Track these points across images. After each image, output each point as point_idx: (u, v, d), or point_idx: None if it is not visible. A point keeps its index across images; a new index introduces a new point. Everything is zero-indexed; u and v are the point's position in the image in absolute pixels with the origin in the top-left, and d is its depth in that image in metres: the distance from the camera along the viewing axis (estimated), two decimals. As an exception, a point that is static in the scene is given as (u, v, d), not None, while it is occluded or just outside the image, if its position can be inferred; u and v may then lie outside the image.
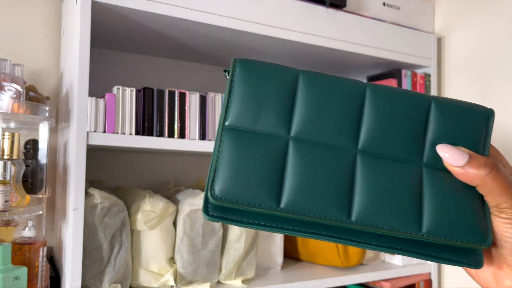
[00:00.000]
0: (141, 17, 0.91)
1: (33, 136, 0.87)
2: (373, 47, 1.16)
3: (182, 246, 0.92)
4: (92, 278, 0.84)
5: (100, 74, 1.16)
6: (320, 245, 1.16)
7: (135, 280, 0.91)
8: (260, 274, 1.07)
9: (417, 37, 1.25)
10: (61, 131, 1.01)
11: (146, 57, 1.22)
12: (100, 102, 0.84)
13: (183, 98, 0.92)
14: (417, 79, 1.26)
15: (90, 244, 0.84)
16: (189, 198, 0.94)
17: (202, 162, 1.30)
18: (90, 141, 0.81)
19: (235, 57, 1.23)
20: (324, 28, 1.08)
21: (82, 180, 0.80)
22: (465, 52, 1.27)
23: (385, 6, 1.23)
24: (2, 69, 0.83)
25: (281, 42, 1.05)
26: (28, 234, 0.83)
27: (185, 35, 1.02)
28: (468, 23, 1.27)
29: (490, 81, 1.20)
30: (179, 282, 0.93)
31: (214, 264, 0.96)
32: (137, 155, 1.21)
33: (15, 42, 1.09)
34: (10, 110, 0.76)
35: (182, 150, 0.92)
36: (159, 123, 0.90)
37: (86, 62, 0.81)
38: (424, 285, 1.24)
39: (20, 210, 0.76)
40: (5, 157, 0.78)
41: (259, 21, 0.99)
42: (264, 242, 1.10)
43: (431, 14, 1.34)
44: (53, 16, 1.13)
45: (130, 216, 0.91)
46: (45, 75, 1.12)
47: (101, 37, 1.06)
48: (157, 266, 0.92)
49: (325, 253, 1.15)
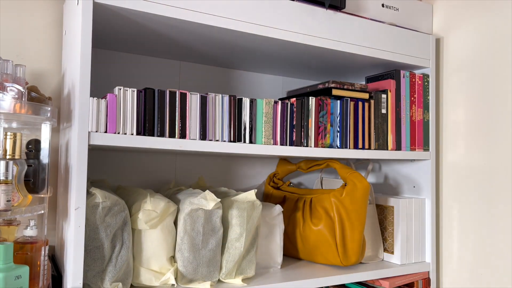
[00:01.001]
0: (142, 18, 0.91)
1: (35, 136, 0.87)
2: (372, 48, 1.16)
3: (182, 245, 0.93)
4: (94, 277, 0.85)
5: (102, 74, 1.17)
6: (319, 244, 1.15)
7: (136, 279, 0.92)
8: (260, 273, 1.08)
9: (415, 38, 1.26)
10: (62, 131, 1.02)
11: (147, 58, 1.23)
12: (101, 102, 0.85)
13: (184, 98, 0.93)
14: (415, 79, 1.27)
15: (91, 243, 0.85)
16: (189, 198, 0.95)
17: (202, 162, 1.31)
18: (92, 141, 0.82)
19: (235, 57, 1.24)
20: (323, 29, 1.08)
21: (83, 179, 0.80)
22: (464, 53, 1.28)
23: (384, 7, 1.24)
24: (4, 70, 0.83)
25: (280, 43, 1.06)
26: (30, 233, 0.83)
27: (186, 36, 1.03)
28: (466, 24, 1.28)
29: (488, 82, 1.21)
30: (179, 280, 0.94)
31: (215, 263, 0.96)
32: (138, 155, 1.22)
33: (17, 43, 1.09)
34: (12, 111, 0.77)
35: (183, 150, 0.93)
36: (160, 123, 0.90)
37: (87, 62, 0.82)
38: (422, 283, 1.25)
39: (22, 209, 0.77)
40: (7, 157, 0.78)
41: (259, 22, 1.00)
42: (264, 241, 1.11)
43: (429, 15, 1.35)
44: (55, 17, 1.14)
45: (131, 215, 0.92)
46: (47, 76, 1.12)
47: (102, 38, 1.07)
48: (158, 265, 0.92)
49: (324, 252, 1.15)
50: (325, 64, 1.27)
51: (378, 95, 1.20)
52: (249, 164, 1.39)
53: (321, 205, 1.17)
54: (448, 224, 1.30)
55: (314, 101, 1.09)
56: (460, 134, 1.28)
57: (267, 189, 1.35)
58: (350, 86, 1.18)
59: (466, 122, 1.26)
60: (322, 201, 1.17)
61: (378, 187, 1.45)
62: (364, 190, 1.13)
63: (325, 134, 1.11)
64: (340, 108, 1.14)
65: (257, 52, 1.15)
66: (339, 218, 1.13)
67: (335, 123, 1.13)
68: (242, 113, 1.00)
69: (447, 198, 1.31)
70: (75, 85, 0.85)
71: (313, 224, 1.16)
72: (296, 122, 1.07)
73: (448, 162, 1.31)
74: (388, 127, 1.22)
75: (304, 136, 1.08)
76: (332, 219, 1.14)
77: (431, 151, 1.28)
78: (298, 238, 1.20)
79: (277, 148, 1.04)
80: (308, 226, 1.17)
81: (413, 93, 1.27)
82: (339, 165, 1.20)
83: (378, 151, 1.18)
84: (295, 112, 1.07)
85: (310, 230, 1.16)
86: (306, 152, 1.07)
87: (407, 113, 1.25)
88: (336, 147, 1.13)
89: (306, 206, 1.20)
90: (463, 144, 1.27)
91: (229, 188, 1.33)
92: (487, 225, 1.20)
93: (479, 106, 1.23)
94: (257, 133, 1.02)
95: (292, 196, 1.26)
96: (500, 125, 1.17)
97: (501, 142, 1.17)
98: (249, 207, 0.99)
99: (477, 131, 1.23)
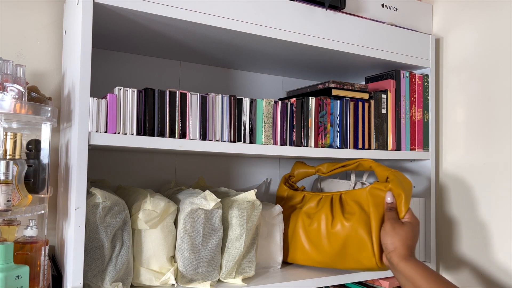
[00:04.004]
0: (142, 18, 0.91)
1: (35, 136, 0.87)
2: (371, 48, 1.16)
3: (182, 245, 0.93)
4: (94, 276, 0.85)
5: (102, 74, 1.17)
6: (350, 243, 1.02)
7: (136, 279, 0.92)
8: (260, 272, 1.08)
9: (415, 38, 1.26)
10: (63, 131, 1.02)
11: (147, 58, 1.23)
12: (101, 102, 0.85)
13: (184, 98, 0.93)
14: (415, 80, 1.27)
15: (91, 243, 0.85)
16: (189, 198, 0.95)
17: (202, 162, 1.31)
18: (92, 141, 0.82)
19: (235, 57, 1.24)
20: (323, 29, 1.09)
21: (83, 179, 0.80)
22: (463, 53, 1.28)
23: (384, 8, 1.24)
24: (5, 70, 0.83)
25: (280, 43, 1.06)
26: (30, 233, 0.83)
27: (186, 36, 1.03)
28: (466, 24, 1.28)
29: (488, 82, 1.21)
30: (179, 280, 0.94)
31: (215, 262, 0.96)
32: (138, 155, 1.22)
33: (17, 43, 1.10)
34: (12, 111, 0.77)
35: (183, 150, 0.93)
36: (160, 123, 0.90)
37: (87, 62, 0.82)
38: (422, 284, 1.25)
39: (22, 209, 0.77)
40: (7, 157, 0.78)
41: (259, 22, 1.00)
42: (264, 241, 1.11)
43: (429, 15, 1.35)
44: (55, 17, 1.14)
45: (131, 215, 0.92)
46: (47, 76, 1.13)
47: (102, 38, 1.07)
48: (158, 265, 0.92)
49: (356, 252, 1.02)
50: (325, 64, 1.27)
51: (378, 95, 1.21)
52: (249, 164, 1.39)
53: (354, 199, 1.06)
54: (448, 224, 1.30)
55: (314, 101, 1.10)
56: (460, 134, 1.28)
57: (282, 190, 1.21)
58: (350, 86, 1.18)
59: (466, 122, 1.26)
60: (356, 195, 1.06)
61: (378, 187, 1.44)
62: (410, 187, 1.05)
63: (325, 134, 1.11)
64: (340, 108, 1.14)
65: (257, 52, 1.15)
66: (376, 213, 1.01)
67: (335, 123, 1.13)
68: (242, 113, 1.00)
69: (447, 198, 1.31)
70: (75, 85, 0.85)
71: (345, 219, 1.03)
72: (296, 122, 1.07)
73: (448, 162, 1.31)
74: (388, 127, 1.22)
75: (304, 136, 1.08)
76: (367, 213, 1.02)
77: (431, 151, 1.28)
78: (323, 239, 1.05)
79: (277, 148, 1.04)
80: (338, 222, 1.03)
81: (413, 93, 1.27)
82: (375, 164, 1.09)
83: (378, 151, 1.18)
84: (295, 112, 1.07)
85: (341, 227, 1.03)
86: (306, 152, 1.07)
87: (407, 113, 1.25)
88: (336, 147, 1.13)
89: (335, 202, 1.08)
90: (463, 144, 1.27)
91: (229, 188, 1.33)
92: (487, 225, 1.20)
93: (479, 106, 1.23)
94: (257, 133, 1.02)
95: (314, 195, 1.13)
96: (500, 125, 1.18)
97: (501, 142, 1.17)
98: (249, 207, 0.99)
99: (477, 131, 1.23)
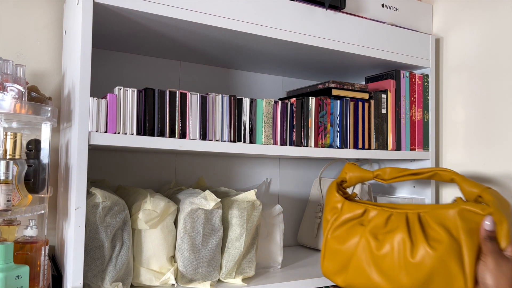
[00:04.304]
0: (142, 18, 0.91)
1: (35, 136, 0.87)
2: (372, 48, 1.16)
3: (182, 245, 0.93)
4: (94, 276, 0.85)
5: (102, 74, 1.17)
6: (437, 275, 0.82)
7: (136, 279, 0.92)
8: (260, 272, 1.08)
9: (415, 38, 1.26)
10: (63, 131, 1.02)
11: (147, 58, 1.23)
12: (101, 102, 0.85)
13: (184, 98, 0.93)
14: (415, 79, 1.27)
15: (91, 243, 0.85)
16: (189, 198, 0.95)
17: (202, 162, 1.31)
18: (92, 141, 0.82)
19: (235, 57, 1.24)
20: (323, 29, 1.09)
21: (83, 179, 0.80)
22: (464, 53, 1.28)
23: (384, 8, 1.24)
24: (5, 70, 0.83)
25: (281, 43, 1.06)
26: (30, 233, 0.83)
27: (186, 36, 1.03)
28: (466, 24, 1.28)
29: (488, 82, 1.21)
30: (179, 280, 0.94)
31: (215, 262, 0.96)
32: (138, 155, 1.22)
33: (17, 43, 1.10)
34: (12, 111, 0.77)
35: (183, 150, 0.93)
36: (160, 123, 0.90)
37: (87, 62, 0.82)
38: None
39: (22, 209, 0.77)
40: (7, 157, 0.78)
41: (259, 22, 1.00)
42: (264, 241, 1.11)
43: (429, 15, 1.35)
44: (55, 17, 1.14)
45: (131, 215, 0.92)
46: (47, 76, 1.13)
47: (102, 38, 1.07)
48: (158, 264, 0.92)
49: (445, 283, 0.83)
50: (325, 64, 1.27)
51: (378, 95, 1.21)
52: (249, 164, 1.39)
53: (439, 221, 0.86)
54: (448, 224, 1.30)
55: (314, 101, 1.10)
56: (460, 134, 1.28)
57: (334, 200, 0.96)
58: (350, 86, 1.18)
59: (466, 122, 1.26)
60: (441, 217, 0.86)
61: (378, 187, 1.45)
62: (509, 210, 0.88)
63: (325, 134, 1.11)
64: (340, 108, 1.14)
65: (257, 52, 1.15)
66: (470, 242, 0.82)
67: (335, 123, 1.13)
68: (242, 113, 1.00)
69: (447, 198, 1.31)
70: (75, 85, 0.85)
71: (431, 247, 0.83)
72: (296, 122, 1.07)
73: (448, 162, 1.31)
74: (388, 127, 1.22)
75: (304, 136, 1.08)
76: (458, 241, 0.83)
77: (431, 151, 1.28)
78: (399, 269, 0.85)
79: (277, 148, 1.04)
80: (420, 251, 0.83)
81: (413, 93, 1.27)
82: (460, 177, 0.91)
83: (378, 151, 1.19)
84: (295, 112, 1.07)
85: (425, 257, 0.83)
86: (306, 152, 1.07)
87: (407, 113, 1.25)
88: (336, 147, 1.13)
89: (413, 223, 0.87)
90: (463, 144, 1.27)
91: (229, 188, 1.33)
92: (487, 225, 1.20)
93: (479, 106, 1.23)
94: (257, 133, 1.02)
95: (381, 211, 0.91)
96: (500, 125, 1.18)
97: (501, 142, 1.17)
98: (249, 207, 0.99)
99: (477, 131, 1.23)
